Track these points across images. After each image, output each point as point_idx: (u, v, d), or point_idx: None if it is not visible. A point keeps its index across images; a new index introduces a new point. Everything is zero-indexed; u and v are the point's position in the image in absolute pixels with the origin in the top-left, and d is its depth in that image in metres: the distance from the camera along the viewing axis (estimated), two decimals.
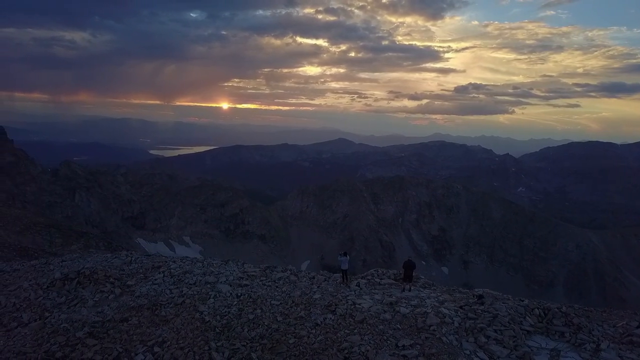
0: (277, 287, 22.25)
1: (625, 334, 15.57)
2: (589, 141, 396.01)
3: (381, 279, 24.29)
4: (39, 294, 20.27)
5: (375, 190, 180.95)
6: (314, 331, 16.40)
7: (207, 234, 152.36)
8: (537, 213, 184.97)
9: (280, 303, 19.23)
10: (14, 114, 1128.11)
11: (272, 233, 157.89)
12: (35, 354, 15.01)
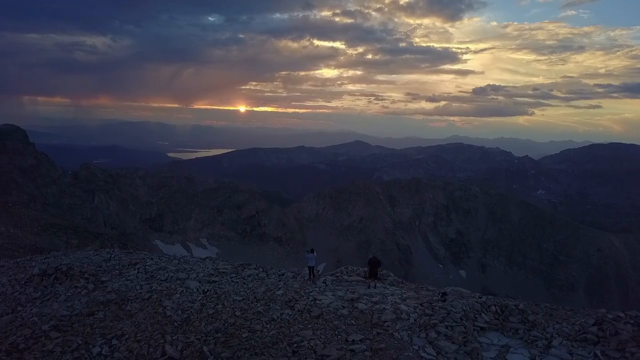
0: (244, 283, 22.78)
1: (581, 331, 15.39)
2: (611, 143, 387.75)
3: (349, 276, 24.67)
4: (16, 289, 21.12)
5: (391, 193, 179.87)
6: (268, 326, 16.78)
7: (224, 236, 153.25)
8: (557, 216, 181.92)
9: (243, 299, 19.69)
10: (36, 117, 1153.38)
11: (288, 235, 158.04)
12: (0, 345, 15.62)
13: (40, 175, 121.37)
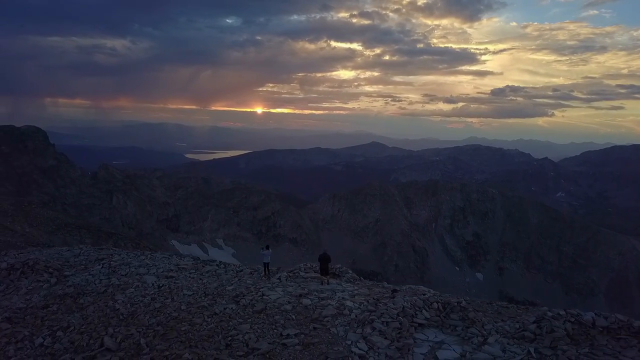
0: (200, 279, 23.30)
1: (521, 329, 15.37)
2: (634, 144, 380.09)
3: (307, 272, 25.13)
4: None
5: (408, 195, 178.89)
6: (209, 319, 17.14)
7: (240, 237, 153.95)
8: (577, 219, 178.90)
9: (193, 293, 20.15)
10: (57, 119, 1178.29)
11: (304, 237, 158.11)
12: None
13: (60, 175, 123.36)
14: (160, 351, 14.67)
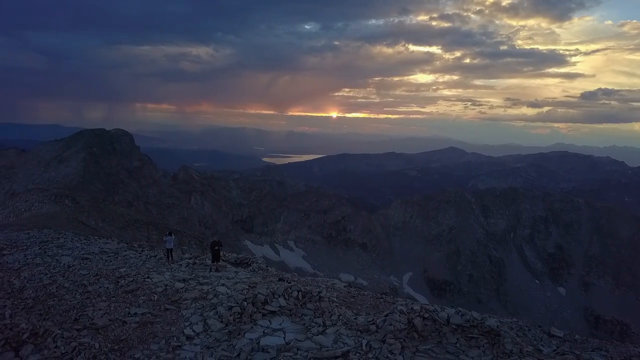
0: (110, 262, 23.90)
1: (372, 322, 15.13)
2: None
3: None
4: None
5: (485, 202, 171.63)
6: (78, 296, 17.68)
7: (310, 240, 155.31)
8: None
9: (87, 273, 20.81)
10: (145, 123, 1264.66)
11: (374, 242, 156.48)
12: None
13: (143, 176, 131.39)
14: (19, 321, 15.24)
